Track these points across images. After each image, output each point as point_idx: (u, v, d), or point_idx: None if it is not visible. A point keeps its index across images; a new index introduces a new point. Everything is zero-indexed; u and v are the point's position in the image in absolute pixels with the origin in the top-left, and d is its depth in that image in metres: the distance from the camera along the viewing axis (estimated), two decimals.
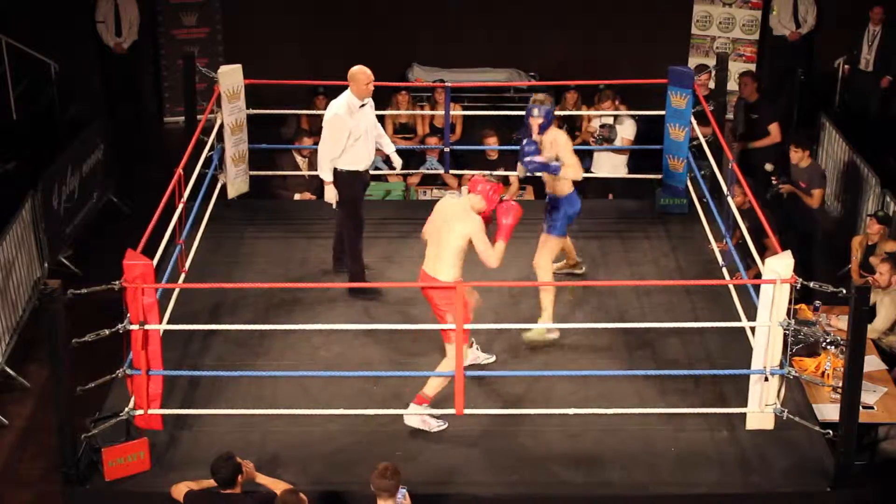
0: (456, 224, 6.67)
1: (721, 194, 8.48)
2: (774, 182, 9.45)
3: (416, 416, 6.70)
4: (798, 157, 9.39)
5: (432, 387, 6.68)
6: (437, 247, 6.72)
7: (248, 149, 9.16)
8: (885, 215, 9.15)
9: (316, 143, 10.26)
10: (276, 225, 9.12)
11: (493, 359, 7.33)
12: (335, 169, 7.87)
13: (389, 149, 8.18)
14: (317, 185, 10.41)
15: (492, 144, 10.24)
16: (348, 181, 7.89)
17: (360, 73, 7.81)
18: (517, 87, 12.57)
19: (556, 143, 7.40)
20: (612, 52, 12.97)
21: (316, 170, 10.20)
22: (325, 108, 10.90)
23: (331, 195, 7.95)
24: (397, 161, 8.20)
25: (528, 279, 8.10)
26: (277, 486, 5.92)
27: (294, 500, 5.68)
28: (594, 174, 9.92)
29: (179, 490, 5.97)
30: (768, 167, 10.22)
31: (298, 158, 10.25)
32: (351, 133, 7.77)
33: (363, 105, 7.84)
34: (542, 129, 7.41)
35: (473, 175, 7.00)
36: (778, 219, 8.94)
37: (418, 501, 5.94)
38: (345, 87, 11.19)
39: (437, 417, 6.72)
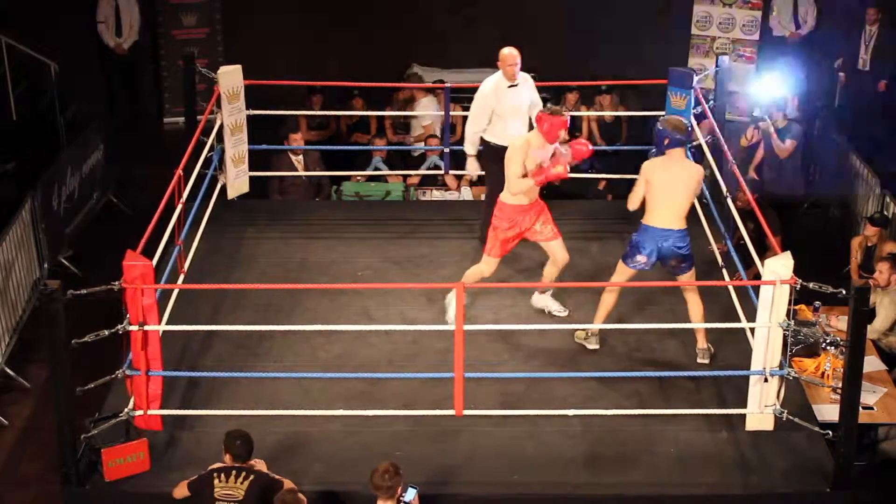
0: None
1: (721, 196, 8.47)
2: (755, 115, 9.63)
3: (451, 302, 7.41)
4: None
5: (470, 277, 7.41)
6: None
7: (248, 149, 9.16)
8: (882, 217, 9.14)
9: (307, 143, 10.39)
10: (276, 225, 9.12)
11: (565, 313, 7.63)
12: (485, 141, 8.23)
13: None
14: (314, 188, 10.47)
15: None
16: (492, 155, 8.12)
17: (505, 55, 8.13)
18: None
19: None
20: (612, 52, 12.97)
21: (311, 170, 10.29)
22: (320, 108, 11.06)
23: (472, 167, 8.38)
24: None
25: (528, 279, 8.12)
26: (287, 486, 5.97)
27: (292, 499, 5.69)
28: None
29: (181, 488, 5.98)
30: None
31: (294, 159, 10.24)
32: (495, 111, 8.12)
33: (513, 86, 8.11)
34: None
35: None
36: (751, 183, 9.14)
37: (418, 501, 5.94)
38: (343, 88, 11.33)
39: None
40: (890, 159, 10.74)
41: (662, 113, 9.05)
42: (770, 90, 10.93)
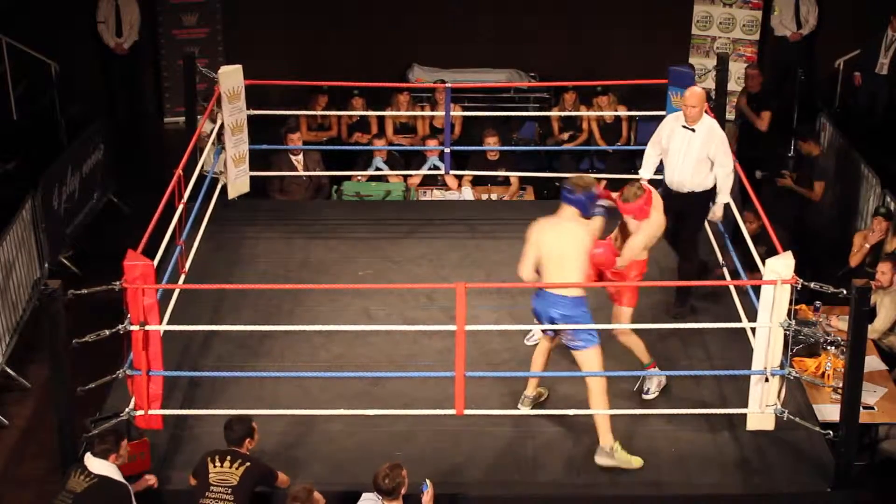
0: None
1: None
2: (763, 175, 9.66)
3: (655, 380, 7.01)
4: (808, 148, 9.60)
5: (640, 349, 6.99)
6: None
7: (248, 149, 9.16)
8: (888, 211, 9.14)
9: (306, 143, 10.38)
10: (276, 225, 9.12)
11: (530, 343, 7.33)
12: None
13: (720, 196, 7.71)
14: (315, 188, 10.47)
15: (493, 144, 10.24)
16: (662, 189, 7.73)
17: (686, 94, 7.56)
18: (517, 88, 12.56)
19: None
20: (612, 52, 12.97)
21: (310, 170, 10.29)
22: (324, 108, 11.02)
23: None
24: (717, 211, 7.75)
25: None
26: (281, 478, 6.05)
27: (304, 495, 5.69)
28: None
29: (191, 479, 6.07)
30: (758, 175, 10.29)
31: (294, 159, 10.23)
32: (661, 142, 7.70)
33: (688, 128, 7.54)
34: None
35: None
36: (782, 220, 8.97)
37: (418, 501, 5.94)
38: (343, 88, 11.30)
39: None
40: (892, 160, 10.76)
41: (663, 113, 9.04)
42: None
